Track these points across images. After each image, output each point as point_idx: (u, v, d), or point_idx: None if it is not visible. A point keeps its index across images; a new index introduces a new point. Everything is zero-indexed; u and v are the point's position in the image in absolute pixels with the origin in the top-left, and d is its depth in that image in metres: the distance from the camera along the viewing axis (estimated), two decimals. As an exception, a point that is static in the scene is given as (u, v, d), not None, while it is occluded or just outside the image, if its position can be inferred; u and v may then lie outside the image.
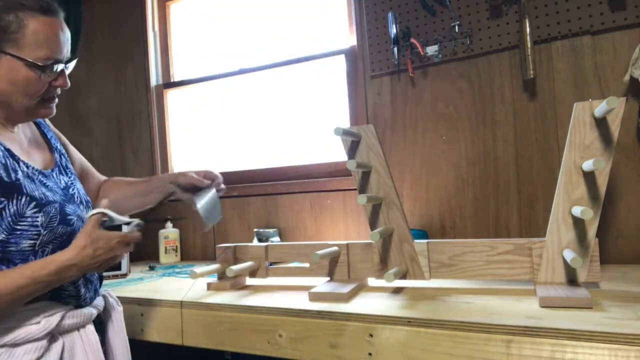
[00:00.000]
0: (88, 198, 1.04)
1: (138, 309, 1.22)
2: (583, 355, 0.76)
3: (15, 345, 0.83)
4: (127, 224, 0.94)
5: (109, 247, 0.87)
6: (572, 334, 0.77)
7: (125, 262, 1.65)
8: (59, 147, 1.06)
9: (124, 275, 1.63)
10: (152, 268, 1.78)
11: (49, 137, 1.06)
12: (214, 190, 1.09)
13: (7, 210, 0.83)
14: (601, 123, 1.01)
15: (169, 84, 2.19)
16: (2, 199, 0.83)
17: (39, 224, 0.86)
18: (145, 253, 2.08)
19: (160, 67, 2.23)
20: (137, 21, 2.20)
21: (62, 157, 1.05)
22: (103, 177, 1.23)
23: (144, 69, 2.18)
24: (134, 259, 1.99)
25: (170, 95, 2.21)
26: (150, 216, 1.03)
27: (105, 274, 0.99)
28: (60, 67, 0.90)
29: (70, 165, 1.06)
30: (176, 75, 2.23)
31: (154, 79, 2.20)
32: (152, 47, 2.19)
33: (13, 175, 0.86)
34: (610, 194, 1.36)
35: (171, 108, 2.21)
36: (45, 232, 0.87)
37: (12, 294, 0.79)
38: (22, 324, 0.84)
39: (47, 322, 0.86)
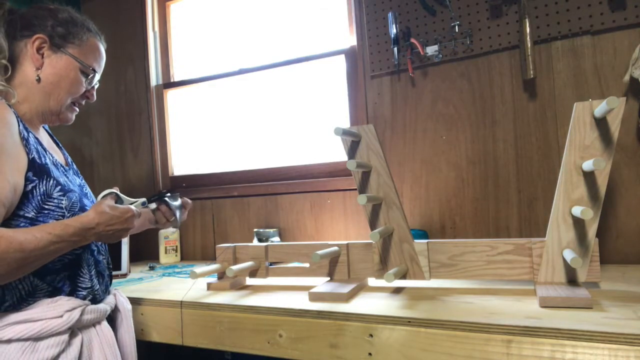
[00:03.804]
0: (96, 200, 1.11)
1: (138, 309, 1.22)
2: (583, 355, 0.76)
3: (38, 339, 0.87)
4: (132, 203, 1.08)
5: (123, 219, 0.95)
6: (572, 334, 0.77)
7: (125, 262, 1.65)
8: (66, 153, 1.15)
9: (124, 275, 1.63)
10: (152, 268, 1.78)
11: (59, 143, 1.15)
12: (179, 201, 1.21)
13: (37, 189, 0.90)
14: (601, 123, 1.01)
15: (169, 84, 2.19)
16: (35, 178, 0.90)
17: (63, 206, 0.93)
18: (145, 253, 2.08)
19: (160, 67, 2.23)
20: (137, 21, 2.20)
21: (73, 163, 1.14)
22: None
23: (144, 69, 2.19)
24: (134, 259, 1.99)
25: (170, 95, 2.21)
26: (152, 197, 1.14)
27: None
28: (97, 79, 1.09)
29: (78, 170, 1.15)
30: (176, 75, 2.23)
31: (154, 79, 2.20)
32: (152, 47, 2.20)
33: (43, 159, 0.95)
34: (610, 194, 1.36)
35: (171, 108, 2.21)
36: (68, 215, 0.94)
37: (41, 248, 0.83)
38: (45, 318, 0.88)
39: (69, 316, 0.91)
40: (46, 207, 0.91)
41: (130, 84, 2.23)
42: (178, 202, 1.18)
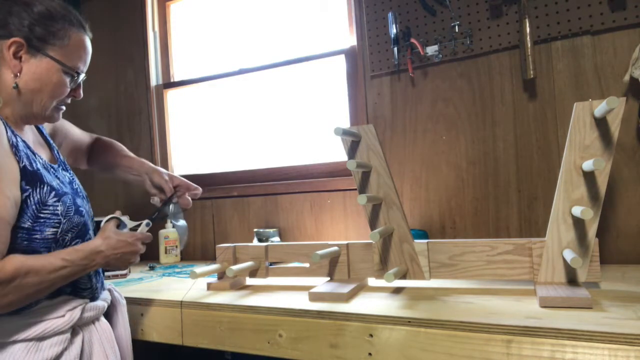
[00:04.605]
0: (86, 193, 1.09)
1: (138, 309, 1.22)
2: (583, 355, 0.76)
3: (42, 338, 0.88)
4: (137, 227, 1.08)
5: (128, 242, 0.99)
6: (572, 334, 0.77)
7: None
8: (53, 144, 1.10)
9: (124, 275, 1.63)
10: (152, 268, 1.78)
11: (45, 135, 1.10)
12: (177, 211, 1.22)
13: (32, 198, 0.88)
14: (601, 123, 1.01)
15: (169, 84, 2.19)
16: (27, 187, 0.87)
17: (59, 212, 0.91)
18: (145, 253, 2.07)
19: (160, 67, 2.22)
20: (137, 21, 2.20)
21: (59, 154, 1.09)
22: (88, 139, 1.28)
23: (144, 69, 2.18)
24: (134, 259, 1.99)
25: (170, 95, 2.21)
26: (154, 217, 1.13)
27: (106, 273, 1.08)
28: (82, 78, 1.00)
29: (65, 161, 1.11)
30: (176, 75, 2.23)
31: (154, 79, 2.20)
32: (152, 47, 2.19)
33: (34, 164, 0.91)
34: (610, 194, 1.36)
35: (171, 108, 2.21)
36: (64, 221, 0.92)
37: (54, 272, 0.85)
38: (48, 318, 0.89)
39: (70, 315, 0.91)
40: (42, 215, 0.88)
41: (130, 84, 2.23)
42: (181, 223, 1.18)
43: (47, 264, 0.84)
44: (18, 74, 0.91)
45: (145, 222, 1.09)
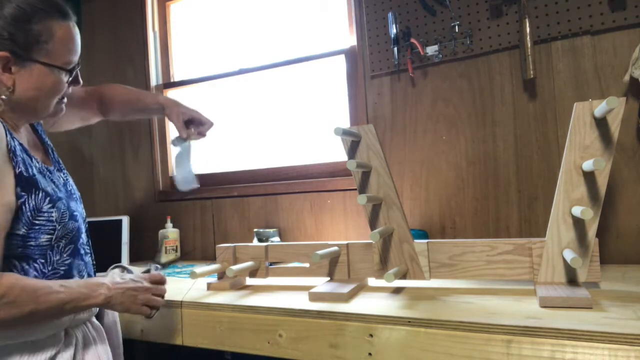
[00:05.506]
0: (79, 193, 1.07)
1: (138, 309, 1.22)
2: (583, 355, 0.76)
3: (35, 341, 0.87)
4: (147, 271, 1.08)
5: (132, 279, 0.99)
6: (572, 334, 0.77)
7: (125, 262, 1.65)
8: (48, 141, 1.08)
9: (124, 275, 1.63)
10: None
11: (39, 132, 1.07)
12: (189, 151, 1.27)
13: (27, 205, 0.86)
14: (601, 123, 1.01)
15: (169, 84, 2.19)
16: (23, 193, 0.86)
17: (54, 219, 0.90)
18: (145, 253, 2.08)
19: (160, 67, 2.22)
20: (137, 21, 2.20)
21: (54, 152, 1.07)
22: (84, 94, 1.23)
23: (144, 69, 2.18)
24: (134, 259, 1.99)
25: (170, 95, 2.21)
26: (165, 264, 1.12)
27: (104, 273, 1.07)
28: (77, 68, 0.96)
29: (60, 160, 1.08)
30: (176, 75, 2.23)
31: (154, 79, 2.20)
32: (152, 47, 2.19)
33: (30, 170, 0.89)
34: (610, 194, 1.36)
35: (171, 108, 2.20)
36: (59, 227, 0.91)
37: (50, 294, 0.83)
38: None
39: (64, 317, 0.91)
40: (37, 222, 0.87)
41: (130, 84, 2.20)
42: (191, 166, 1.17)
43: (43, 286, 0.83)
44: (12, 87, 0.88)
45: (153, 266, 1.11)
